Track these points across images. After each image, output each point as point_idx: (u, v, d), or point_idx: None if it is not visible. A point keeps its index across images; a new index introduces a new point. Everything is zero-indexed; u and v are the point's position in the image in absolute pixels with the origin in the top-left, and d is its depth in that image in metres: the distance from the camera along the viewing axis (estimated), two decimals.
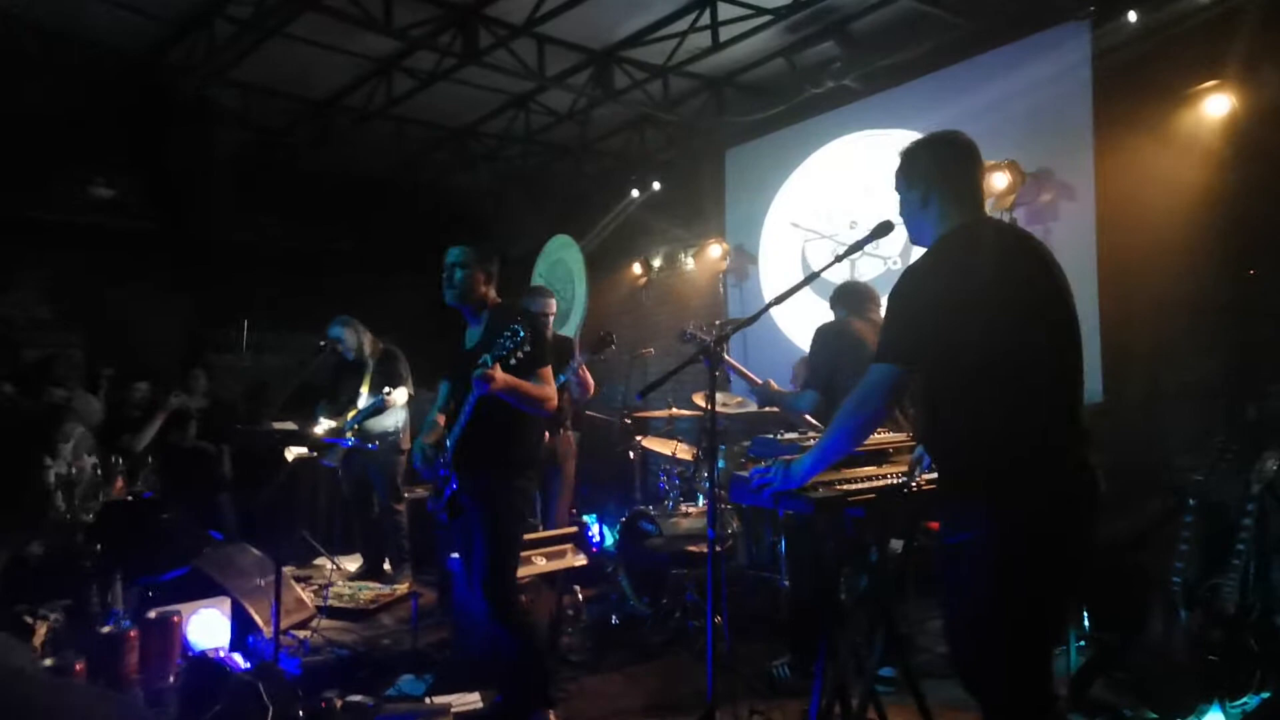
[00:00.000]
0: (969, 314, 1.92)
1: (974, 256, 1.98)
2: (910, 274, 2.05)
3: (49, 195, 7.18)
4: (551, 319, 4.66)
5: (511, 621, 2.93)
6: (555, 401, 3.03)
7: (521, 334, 2.68)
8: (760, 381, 3.84)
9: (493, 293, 3.10)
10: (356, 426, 4.99)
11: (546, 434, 4.07)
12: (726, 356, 4.07)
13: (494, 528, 2.88)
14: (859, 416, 2.03)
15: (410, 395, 5.25)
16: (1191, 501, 3.07)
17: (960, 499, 1.95)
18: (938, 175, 2.08)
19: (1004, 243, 2.07)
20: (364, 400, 5.04)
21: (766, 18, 5.31)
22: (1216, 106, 4.28)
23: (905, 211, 2.16)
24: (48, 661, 2.80)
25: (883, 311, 3.69)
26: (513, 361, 2.72)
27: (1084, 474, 1.92)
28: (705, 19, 5.33)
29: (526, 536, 3.28)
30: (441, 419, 3.08)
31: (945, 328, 1.93)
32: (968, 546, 1.89)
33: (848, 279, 4.51)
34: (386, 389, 4.96)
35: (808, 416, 3.53)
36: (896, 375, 1.99)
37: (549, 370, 3.00)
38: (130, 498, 4.57)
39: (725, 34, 5.44)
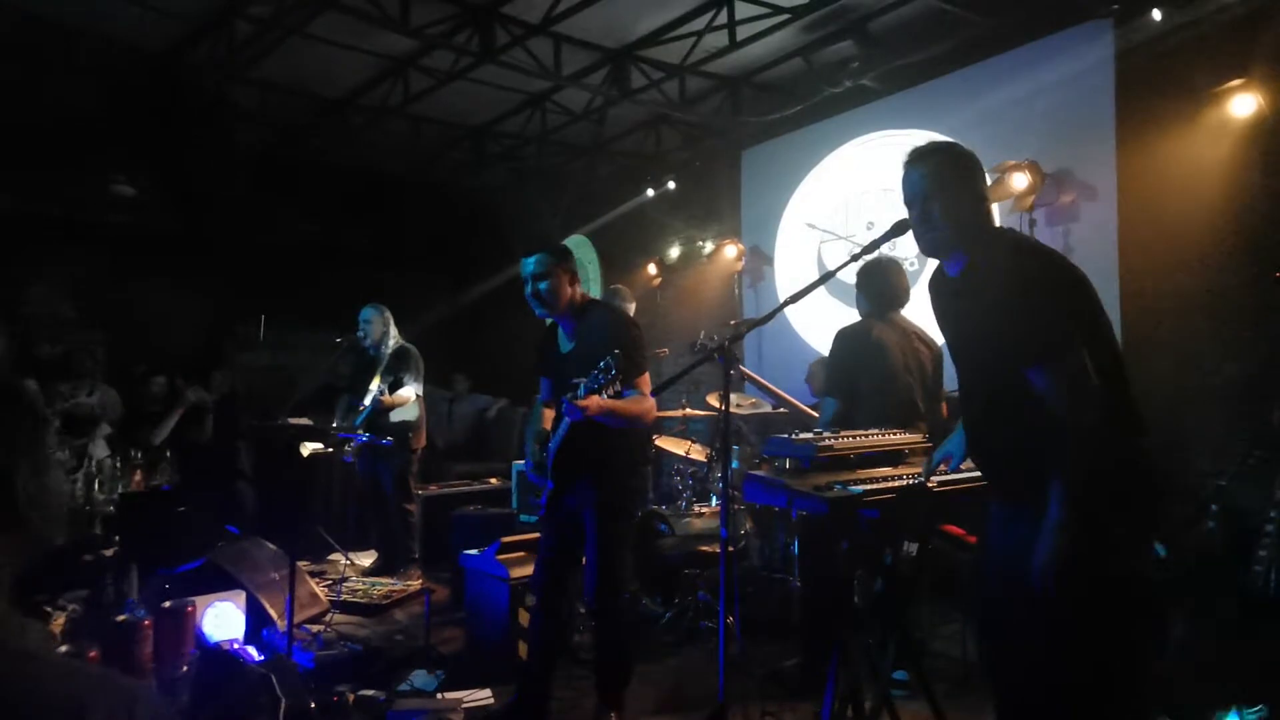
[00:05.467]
0: (1083, 311, 1.86)
1: (1053, 253, 1.99)
2: (1020, 262, 1.90)
3: (70, 194, 7.28)
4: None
5: (612, 622, 2.91)
6: (654, 412, 2.90)
7: (614, 370, 2.53)
8: (792, 401, 3.85)
9: (579, 291, 2.93)
10: (362, 424, 5.02)
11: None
12: (760, 379, 4.06)
13: (600, 530, 2.83)
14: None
15: (419, 395, 5.26)
16: (1214, 507, 3.02)
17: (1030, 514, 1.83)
18: (964, 181, 1.99)
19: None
20: (370, 398, 5.07)
21: (784, 16, 5.29)
22: (1242, 106, 4.21)
23: (930, 217, 1.99)
24: (63, 648, 2.83)
25: (904, 313, 3.63)
26: (606, 395, 2.60)
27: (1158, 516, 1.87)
28: (722, 18, 5.31)
29: (540, 535, 3.26)
30: (549, 414, 2.99)
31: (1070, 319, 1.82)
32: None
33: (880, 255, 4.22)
34: (380, 389, 4.98)
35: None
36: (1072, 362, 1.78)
37: (646, 378, 2.85)
38: (148, 490, 4.62)
39: (742, 33, 5.42)
